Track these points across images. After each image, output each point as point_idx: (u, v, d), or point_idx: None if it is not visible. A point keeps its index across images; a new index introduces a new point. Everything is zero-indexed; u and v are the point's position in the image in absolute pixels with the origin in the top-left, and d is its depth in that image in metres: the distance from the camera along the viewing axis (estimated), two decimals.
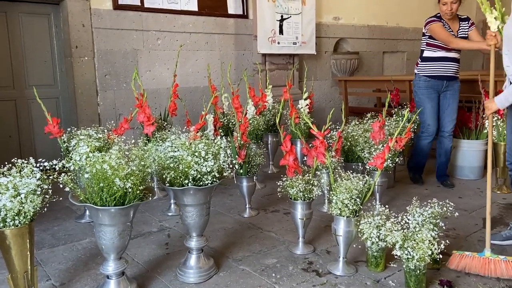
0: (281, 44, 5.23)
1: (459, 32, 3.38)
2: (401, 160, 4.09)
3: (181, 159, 2.01)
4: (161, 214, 3.08)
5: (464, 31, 3.38)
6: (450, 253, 2.30)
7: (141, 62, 4.49)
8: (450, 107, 3.47)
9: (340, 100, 5.87)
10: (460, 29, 3.39)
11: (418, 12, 6.82)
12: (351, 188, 2.09)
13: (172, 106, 3.52)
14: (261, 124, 3.78)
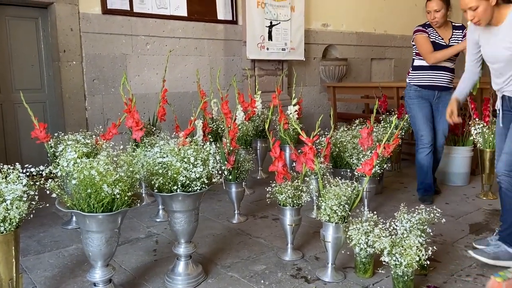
0: (270, 50, 5.26)
1: (451, 40, 3.25)
2: (389, 166, 4.13)
3: (170, 165, 2.00)
4: (149, 220, 3.05)
5: (458, 39, 3.25)
6: (438, 259, 2.33)
7: (129, 66, 4.47)
8: (442, 119, 3.27)
9: (329, 106, 5.91)
10: (452, 37, 3.27)
11: (406, 20, 6.94)
12: (340, 194, 2.10)
13: (161, 111, 3.51)
14: (250, 130, 3.79)
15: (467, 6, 2.17)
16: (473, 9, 2.15)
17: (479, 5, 2.12)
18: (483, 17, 2.16)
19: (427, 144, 3.33)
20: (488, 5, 2.12)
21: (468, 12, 2.18)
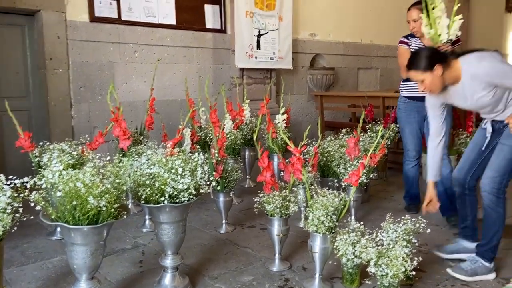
0: (258, 58, 5.28)
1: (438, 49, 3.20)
2: (375, 176, 4.17)
3: (157, 176, 1.99)
4: (135, 230, 3.02)
5: None
6: (423, 269, 2.35)
7: (117, 74, 4.44)
8: None
9: (317, 114, 5.95)
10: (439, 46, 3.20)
11: (391, 30, 7.04)
12: (327, 205, 2.11)
13: (148, 120, 3.49)
14: (239, 139, 3.79)
15: (414, 79, 2.21)
16: (421, 82, 2.16)
17: (424, 78, 2.13)
18: (433, 87, 2.16)
19: (412, 158, 3.34)
20: (434, 76, 2.12)
21: (418, 84, 2.20)
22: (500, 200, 2.23)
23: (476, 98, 2.15)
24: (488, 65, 2.08)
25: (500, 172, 2.20)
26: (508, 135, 2.18)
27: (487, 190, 2.23)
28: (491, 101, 2.14)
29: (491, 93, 2.11)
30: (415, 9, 3.06)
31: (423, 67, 2.12)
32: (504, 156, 2.19)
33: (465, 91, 2.17)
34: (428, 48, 2.24)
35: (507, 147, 2.19)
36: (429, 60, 2.11)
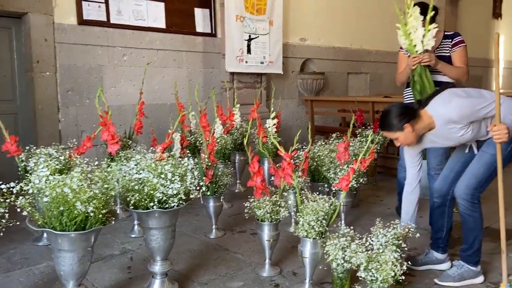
0: (249, 63, 5.28)
1: (438, 50, 2.91)
2: (365, 180, 4.18)
3: (146, 181, 1.96)
4: (123, 235, 2.98)
5: (445, 50, 2.92)
6: (412, 273, 2.35)
7: (105, 78, 4.40)
8: None
9: (307, 119, 5.96)
10: (440, 47, 2.93)
11: (380, 36, 7.11)
12: (318, 209, 2.11)
13: (137, 124, 3.46)
14: (229, 143, 3.78)
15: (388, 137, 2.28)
16: (395, 139, 2.21)
17: (397, 136, 2.18)
18: (408, 142, 2.21)
19: (404, 168, 3.16)
20: (406, 133, 2.15)
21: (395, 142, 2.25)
22: (475, 206, 2.25)
23: (457, 138, 2.19)
24: (456, 107, 2.10)
25: (477, 178, 2.21)
26: (489, 143, 2.21)
27: (462, 196, 2.24)
28: (472, 135, 2.18)
29: (470, 128, 2.15)
30: None
31: (393, 129, 2.17)
32: (483, 163, 2.21)
33: (444, 135, 2.20)
34: (396, 107, 2.21)
35: (487, 154, 2.21)
36: (397, 120, 2.14)
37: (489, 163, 2.19)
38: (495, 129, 2.01)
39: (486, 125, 2.18)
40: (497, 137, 2.01)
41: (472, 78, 10.55)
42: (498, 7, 10.72)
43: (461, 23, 9.09)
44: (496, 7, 10.68)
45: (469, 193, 2.21)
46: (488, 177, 2.22)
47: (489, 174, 2.21)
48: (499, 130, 2.00)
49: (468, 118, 2.11)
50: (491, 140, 2.17)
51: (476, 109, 2.09)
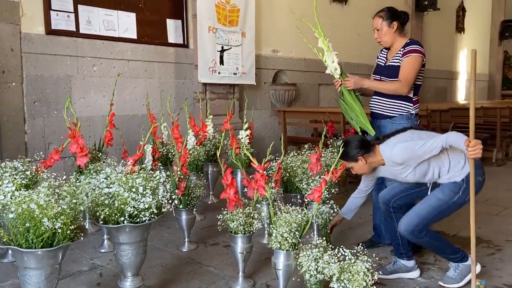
0: (221, 74, 5.29)
1: (391, 60, 2.84)
2: (336, 191, 4.24)
3: (116, 195, 1.92)
4: (92, 251, 2.90)
5: (396, 59, 2.80)
6: (383, 282, 2.40)
7: (74, 88, 4.31)
8: None
9: (279, 129, 6.01)
10: (394, 57, 2.82)
11: (350, 48, 7.28)
12: (291, 221, 2.12)
13: (107, 135, 3.39)
14: (202, 155, 3.76)
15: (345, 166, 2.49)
16: (350, 167, 2.44)
17: (352, 166, 2.40)
18: (362, 172, 2.42)
19: None
20: (360, 164, 2.36)
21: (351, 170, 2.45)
22: (419, 237, 2.33)
23: (402, 178, 2.37)
24: (398, 151, 2.27)
25: (420, 218, 2.30)
26: (440, 189, 2.33)
27: (402, 230, 2.34)
28: (415, 178, 2.34)
29: (412, 172, 2.31)
30: (376, 17, 2.88)
31: (349, 159, 2.39)
32: (428, 205, 2.32)
33: (391, 173, 2.40)
34: (355, 140, 2.40)
35: (435, 198, 2.32)
36: (353, 152, 2.36)
37: (434, 206, 2.30)
38: (471, 145, 2.02)
39: (433, 171, 2.31)
40: (472, 154, 2.03)
41: (437, 89, 10.98)
42: (461, 22, 11.21)
43: (426, 36, 9.44)
44: (459, 21, 11.16)
45: (409, 229, 2.30)
46: (431, 218, 2.32)
47: (432, 216, 2.31)
48: (474, 147, 2.01)
49: (411, 160, 2.26)
50: (442, 186, 2.32)
51: (414, 149, 2.23)
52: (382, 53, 3.00)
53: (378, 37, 2.88)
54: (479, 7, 12.11)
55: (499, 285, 2.40)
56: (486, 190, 2.21)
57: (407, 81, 2.73)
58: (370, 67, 3.28)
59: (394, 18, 2.82)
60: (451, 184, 2.30)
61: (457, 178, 2.29)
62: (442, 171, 2.31)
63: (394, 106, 2.83)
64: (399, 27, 2.84)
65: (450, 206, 2.30)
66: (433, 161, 2.28)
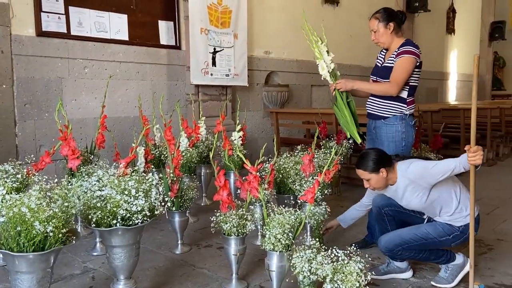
0: (214, 75, 5.29)
1: (387, 61, 2.84)
2: (329, 191, 4.25)
3: (109, 198, 1.91)
4: (85, 254, 2.88)
5: (391, 60, 2.80)
6: (376, 283, 2.41)
7: (66, 90, 4.28)
8: None
9: (272, 131, 6.02)
10: (389, 58, 2.83)
11: (342, 49, 7.32)
12: (284, 222, 2.13)
13: (99, 138, 3.37)
14: (194, 157, 3.75)
15: (361, 177, 2.41)
16: (367, 180, 2.36)
17: (370, 178, 2.34)
18: (377, 186, 2.37)
19: None
20: (380, 177, 2.31)
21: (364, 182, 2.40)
22: (399, 255, 2.37)
23: (409, 199, 2.35)
24: (414, 168, 2.30)
25: (402, 240, 2.33)
26: (433, 225, 2.37)
27: (381, 247, 2.38)
28: (421, 204, 2.33)
29: (421, 196, 2.30)
30: (372, 19, 2.87)
31: (370, 169, 2.31)
32: (414, 234, 2.34)
33: (399, 192, 2.37)
34: (376, 151, 2.38)
35: (424, 231, 2.35)
36: (376, 163, 2.30)
37: (420, 237, 2.33)
38: (472, 150, 2.03)
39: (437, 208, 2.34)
40: (472, 160, 2.04)
41: (428, 90, 11.09)
42: (451, 23, 11.32)
43: (417, 37, 9.51)
44: (450, 23, 11.27)
45: (388, 247, 2.34)
46: (411, 245, 2.34)
47: (413, 244, 2.33)
48: (475, 153, 2.02)
49: (423, 179, 2.26)
50: (436, 223, 2.36)
51: (428, 167, 2.25)
52: (381, 53, 2.99)
53: (375, 39, 2.88)
54: (469, 8, 12.24)
55: (491, 284, 2.43)
56: (477, 190, 2.22)
57: (396, 82, 2.73)
58: (362, 68, 3.34)
59: (391, 19, 2.81)
60: (447, 225, 2.34)
61: (456, 223, 2.33)
62: (445, 211, 2.35)
63: (387, 106, 2.83)
64: (395, 28, 2.83)
65: (435, 242, 2.34)
66: (441, 198, 2.31)
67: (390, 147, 2.77)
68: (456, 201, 2.33)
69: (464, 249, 2.52)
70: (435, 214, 2.39)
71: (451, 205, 2.33)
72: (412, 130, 2.85)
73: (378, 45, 2.93)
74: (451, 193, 2.33)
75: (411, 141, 2.85)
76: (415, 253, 2.38)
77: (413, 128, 2.86)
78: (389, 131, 2.81)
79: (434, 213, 2.38)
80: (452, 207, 2.33)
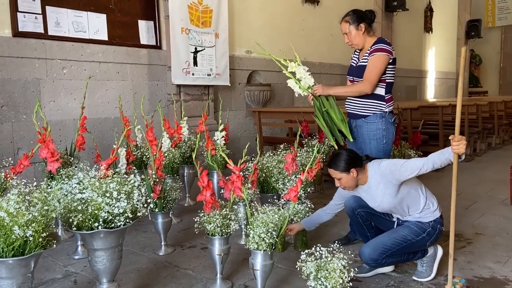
0: (195, 75, 5.26)
1: (361, 60, 2.89)
2: (312, 190, 4.28)
3: (90, 201, 1.89)
4: (66, 258, 2.83)
5: (365, 59, 2.84)
6: (359, 279, 2.44)
7: (44, 92, 4.20)
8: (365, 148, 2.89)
9: (255, 130, 6.03)
10: (363, 57, 2.87)
11: (323, 48, 7.38)
12: (267, 221, 2.13)
13: (79, 140, 3.31)
14: (177, 157, 3.72)
15: (332, 176, 2.45)
16: (338, 179, 2.42)
17: (341, 177, 2.40)
18: (348, 186, 2.42)
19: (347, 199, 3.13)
20: (350, 177, 2.37)
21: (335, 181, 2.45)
22: (383, 263, 2.40)
23: (381, 199, 2.40)
24: (386, 164, 2.39)
25: (384, 248, 2.36)
26: (407, 227, 2.42)
27: (366, 259, 2.37)
28: (391, 202, 2.38)
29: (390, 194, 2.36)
30: (343, 22, 2.93)
31: (341, 169, 2.38)
32: (395, 238, 2.38)
33: (371, 192, 2.43)
34: (348, 152, 2.44)
35: (401, 234, 2.39)
36: (347, 163, 2.37)
37: (399, 242, 2.37)
38: (456, 139, 2.08)
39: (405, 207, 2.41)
40: (456, 148, 2.09)
41: (407, 88, 11.27)
42: (429, 22, 11.53)
43: (396, 36, 9.66)
44: (427, 21, 11.48)
45: (374, 257, 2.35)
46: (394, 251, 2.37)
47: (395, 249, 2.37)
48: (459, 141, 2.07)
49: (394, 175, 2.32)
50: (409, 223, 2.42)
51: (398, 164, 2.33)
52: (355, 53, 3.04)
53: (349, 41, 2.93)
54: (445, 7, 12.49)
55: (470, 277, 2.49)
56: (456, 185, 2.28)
57: (369, 80, 2.77)
58: (343, 67, 3.38)
59: (361, 20, 2.86)
60: (418, 223, 2.41)
61: (425, 219, 2.41)
62: (414, 209, 2.42)
63: (367, 105, 2.86)
64: (366, 28, 2.88)
65: (413, 243, 2.39)
66: (410, 195, 2.38)
67: (372, 145, 2.82)
68: (423, 197, 2.42)
69: (443, 243, 2.57)
70: (404, 214, 2.45)
71: (419, 202, 2.41)
72: (392, 127, 2.90)
73: (352, 46, 2.99)
74: (418, 190, 2.43)
75: (391, 138, 2.90)
76: (398, 257, 2.43)
77: (393, 125, 2.91)
78: (370, 129, 2.85)
79: (404, 212, 2.44)
80: (421, 204, 2.41)
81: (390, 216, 2.57)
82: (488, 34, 14.65)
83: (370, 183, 2.42)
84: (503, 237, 3.13)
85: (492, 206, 3.91)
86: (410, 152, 4.08)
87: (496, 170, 5.42)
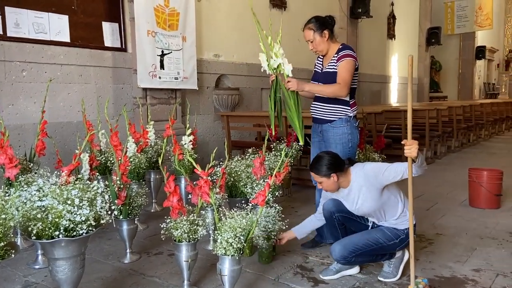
0: (162, 78, 5.19)
1: (327, 66, 2.95)
2: (280, 193, 4.30)
3: (50, 209, 1.81)
4: (26, 267, 2.71)
5: (331, 65, 2.91)
6: (326, 281, 2.46)
7: (1, 95, 4.01)
8: None
9: (223, 134, 6.00)
10: (329, 63, 2.94)
11: (290, 53, 7.42)
12: (235, 226, 2.12)
13: (39, 145, 3.19)
14: (143, 162, 3.65)
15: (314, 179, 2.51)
16: (319, 182, 2.47)
17: (322, 181, 2.45)
18: (329, 189, 2.49)
19: None
20: (331, 181, 2.43)
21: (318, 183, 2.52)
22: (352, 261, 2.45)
23: (362, 202, 2.45)
24: (369, 167, 2.45)
25: (356, 248, 2.42)
26: (380, 230, 2.48)
27: (336, 256, 2.42)
28: (375, 207, 2.44)
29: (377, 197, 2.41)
30: (306, 30, 2.97)
31: (322, 174, 2.43)
32: (367, 239, 2.45)
33: (353, 195, 2.48)
34: (330, 156, 2.46)
35: (374, 237, 2.46)
36: (328, 168, 2.41)
37: (371, 243, 2.44)
38: (408, 143, 2.14)
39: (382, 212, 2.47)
40: (407, 152, 2.15)
41: (372, 93, 11.57)
42: (392, 29, 11.90)
43: (361, 42, 9.90)
44: (390, 28, 11.85)
45: (344, 255, 2.40)
46: (364, 251, 2.43)
47: (365, 250, 2.43)
48: (410, 146, 2.14)
49: (376, 179, 2.37)
50: (383, 227, 2.48)
51: (382, 169, 2.37)
52: (319, 59, 3.10)
53: (314, 48, 2.97)
54: (407, 15, 12.94)
55: (432, 276, 2.56)
56: (418, 186, 2.37)
57: (345, 83, 2.83)
58: (309, 71, 3.41)
59: (324, 27, 2.91)
60: (393, 229, 2.47)
61: (401, 226, 2.47)
62: (391, 215, 2.47)
63: (333, 110, 2.93)
64: (330, 34, 2.94)
65: (383, 247, 2.46)
66: (390, 200, 2.44)
67: (338, 149, 2.86)
68: (401, 203, 2.48)
69: None
70: (382, 219, 2.51)
71: (397, 208, 2.47)
72: (357, 131, 2.97)
73: (316, 53, 3.03)
74: (397, 196, 2.49)
75: (356, 142, 2.97)
76: (366, 257, 2.48)
77: (357, 129, 2.98)
78: (336, 134, 2.91)
79: (381, 217, 2.50)
80: (398, 210, 2.47)
81: (365, 220, 2.61)
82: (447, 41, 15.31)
83: (352, 186, 2.46)
84: (462, 237, 3.25)
85: (452, 207, 4.06)
86: (374, 155, 4.18)
87: (456, 173, 5.64)
